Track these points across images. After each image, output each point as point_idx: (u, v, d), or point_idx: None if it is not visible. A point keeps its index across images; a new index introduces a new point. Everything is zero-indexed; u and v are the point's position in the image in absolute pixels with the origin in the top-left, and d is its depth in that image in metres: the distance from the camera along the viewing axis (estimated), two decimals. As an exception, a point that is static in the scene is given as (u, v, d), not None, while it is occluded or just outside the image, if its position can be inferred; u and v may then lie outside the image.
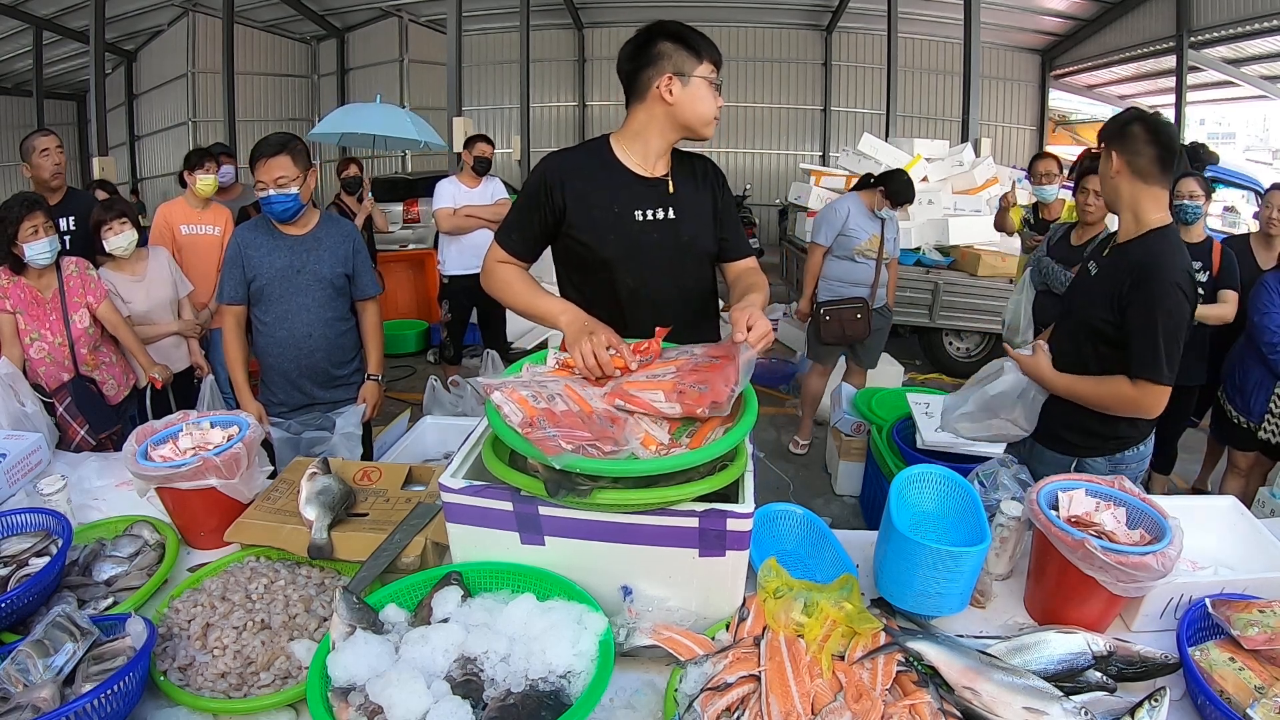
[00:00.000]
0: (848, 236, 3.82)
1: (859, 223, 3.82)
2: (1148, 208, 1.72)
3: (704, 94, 1.55)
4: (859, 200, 3.90)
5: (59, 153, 3.08)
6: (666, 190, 1.63)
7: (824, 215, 3.96)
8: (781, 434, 4.50)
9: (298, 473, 1.58)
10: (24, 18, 10.99)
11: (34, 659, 1.03)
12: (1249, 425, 3.00)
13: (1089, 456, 1.84)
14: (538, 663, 1.03)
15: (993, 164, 6.53)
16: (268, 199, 2.22)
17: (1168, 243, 1.70)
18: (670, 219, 1.62)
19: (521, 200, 1.65)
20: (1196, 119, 13.91)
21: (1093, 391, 1.76)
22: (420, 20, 12.95)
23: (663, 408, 1.22)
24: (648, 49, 1.54)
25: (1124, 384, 1.70)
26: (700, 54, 1.54)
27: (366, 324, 2.56)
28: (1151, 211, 1.72)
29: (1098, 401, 1.76)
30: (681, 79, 1.53)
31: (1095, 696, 1.12)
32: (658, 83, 1.54)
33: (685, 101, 1.55)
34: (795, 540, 1.55)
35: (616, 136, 1.64)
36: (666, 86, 1.53)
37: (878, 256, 3.85)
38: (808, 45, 13.37)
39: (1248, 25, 9.34)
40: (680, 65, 1.53)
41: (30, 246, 2.43)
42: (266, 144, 2.24)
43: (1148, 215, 1.73)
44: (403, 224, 9.00)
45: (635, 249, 1.60)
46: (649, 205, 1.61)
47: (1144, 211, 1.73)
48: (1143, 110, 1.77)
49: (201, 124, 12.91)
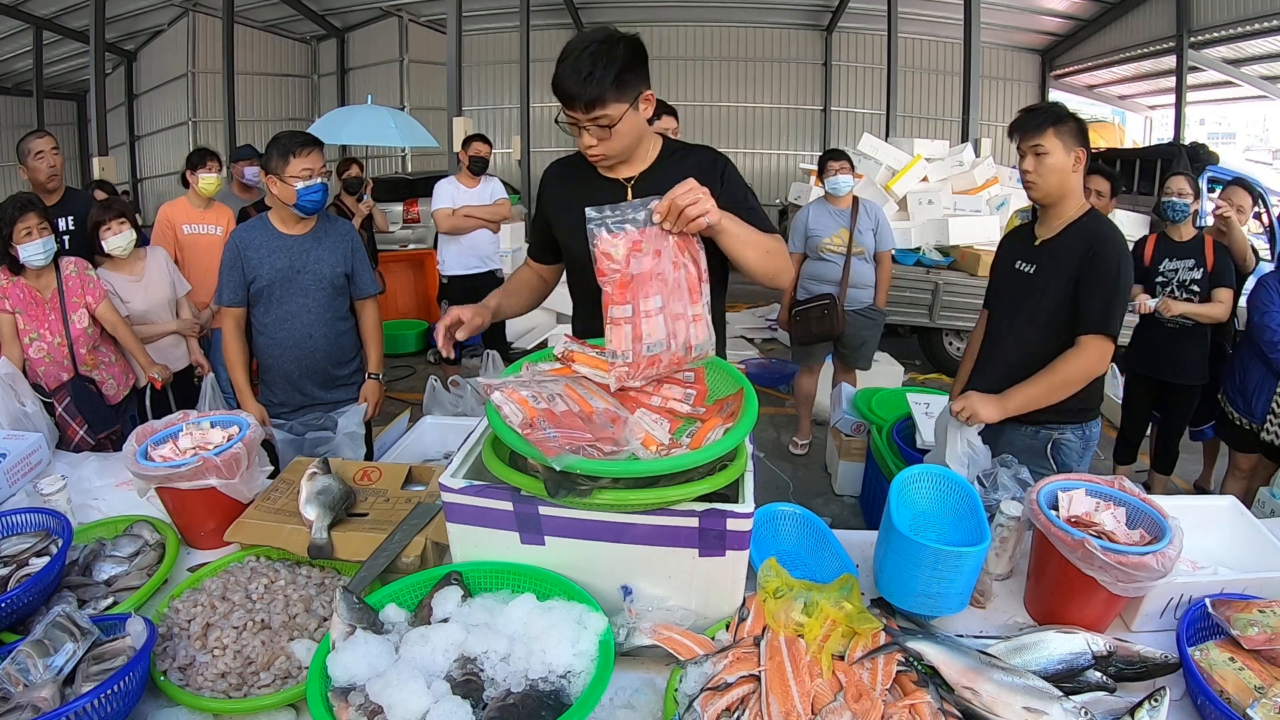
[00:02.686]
0: (812, 236, 3.94)
1: (819, 221, 3.94)
2: (1080, 195, 1.90)
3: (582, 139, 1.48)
4: (820, 200, 4.04)
5: (54, 155, 3.07)
6: (627, 195, 1.58)
7: (792, 223, 4.13)
8: (781, 434, 4.50)
9: (298, 473, 1.58)
10: (24, 18, 10.98)
11: (34, 659, 1.03)
12: (1251, 426, 3.00)
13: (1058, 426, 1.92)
14: (538, 662, 1.03)
15: (993, 164, 6.53)
16: (313, 187, 2.24)
17: (1103, 220, 1.88)
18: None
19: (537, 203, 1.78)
20: (1196, 119, 13.90)
21: (1049, 379, 1.83)
22: (420, 20, 12.95)
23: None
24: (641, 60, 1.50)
25: (1072, 354, 1.80)
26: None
27: (366, 323, 2.56)
28: (1080, 198, 1.90)
29: (1058, 383, 1.83)
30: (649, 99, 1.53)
31: (1095, 696, 1.12)
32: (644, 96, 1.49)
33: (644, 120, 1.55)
34: (795, 540, 1.55)
35: None
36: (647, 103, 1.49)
37: (847, 252, 3.88)
38: (808, 45, 13.36)
39: (1248, 25, 9.34)
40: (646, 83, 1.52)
41: (24, 248, 2.43)
42: (294, 138, 2.26)
43: (1080, 201, 1.90)
44: (403, 224, 9.01)
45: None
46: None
47: (1078, 199, 1.89)
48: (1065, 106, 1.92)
49: (201, 124, 12.91)
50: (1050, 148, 1.83)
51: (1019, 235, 2.09)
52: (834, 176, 3.87)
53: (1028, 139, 1.86)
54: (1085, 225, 1.87)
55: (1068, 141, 1.83)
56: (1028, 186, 1.91)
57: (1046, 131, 1.83)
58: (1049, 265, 1.89)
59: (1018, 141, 1.90)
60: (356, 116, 6.70)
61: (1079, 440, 1.94)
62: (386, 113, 6.90)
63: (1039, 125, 1.84)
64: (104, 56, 9.31)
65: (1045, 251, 1.91)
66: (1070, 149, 1.83)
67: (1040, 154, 1.84)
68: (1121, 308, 1.80)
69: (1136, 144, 13.66)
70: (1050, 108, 1.89)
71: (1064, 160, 1.83)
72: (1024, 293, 1.94)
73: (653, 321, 1.28)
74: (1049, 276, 1.88)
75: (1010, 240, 2.16)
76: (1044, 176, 1.85)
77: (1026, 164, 1.88)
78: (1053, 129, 1.82)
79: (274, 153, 2.24)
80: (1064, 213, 1.90)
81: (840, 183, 3.87)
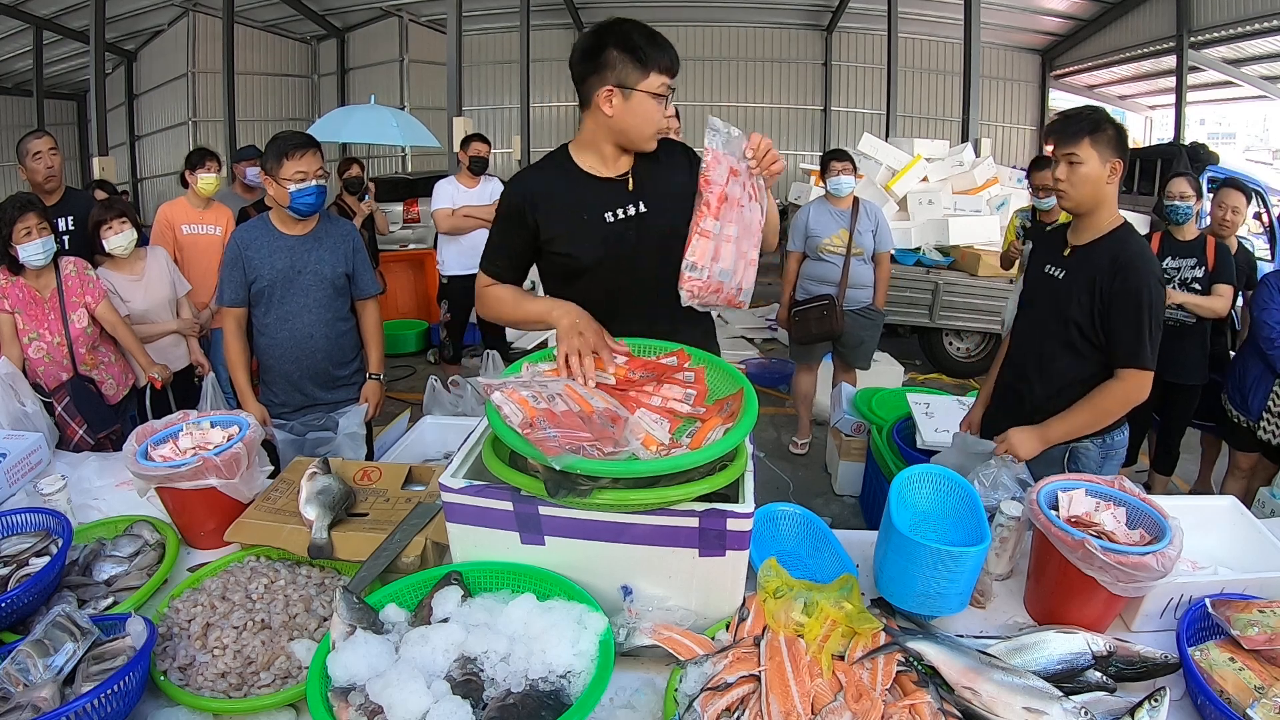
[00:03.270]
0: (812, 236, 3.94)
1: (819, 221, 3.94)
2: (1114, 206, 1.82)
3: (646, 109, 1.49)
4: (821, 200, 4.02)
5: (51, 155, 3.07)
6: (627, 188, 1.60)
7: (792, 222, 4.11)
8: (781, 434, 4.50)
9: (298, 473, 1.58)
10: (24, 18, 10.98)
11: (34, 659, 1.03)
12: (1248, 424, 3.01)
13: (1078, 442, 1.87)
14: (538, 662, 1.03)
15: (993, 164, 6.53)
16: (307, 190, 2.23)
17: (1137, 238, 1.80)
18: (641, 213, 1.60)
19: (499, 225, 1.66)
20: (1196, 119, 13.89)
21: (1091, 409, 1.78)
22: (420, 20, 12.94)
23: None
24: (595, 55, 1.48)
25: (1113, 384, 1.75)
26: (648, 64, 1.46)
27: (366, 323, 2.56)
28: (1114, 209, 1.82)
29: (1099, 414, 1.78)
30: (623, 91, 1.48)
31: (1095, 696, 1.12)
32: (599, 92, 1.49)
33: (623, 116, 1.50)
34: (795, 540, 1.55)
35: (574, 144, 1.63)
36: (606, 98, 1.48)
37: (846, 252, 3.88)
38: (808, 45, 13.36)
39: (1248, 25, 9.34)
40: (624, 77, 1.47)
41: (24, 248, 2.43)
42: (289, 140, 2.25)
43: (1114, 213, 1.82)
44: (403, 224, 9.00)
45: (612, 251, 1.59)
46: (616, 205, 1.59)
47: (1111, 210, 1.81)
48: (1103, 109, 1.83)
49: (201, 124, 12.90)
50: (1085, 157, 1.75)
51: (1052, 238, 2.01)
52: (836, 177, 3.87)
53: (1062, 147, 1.78)
54: (1116, 242, 1.79)
55: (1104, 151, 1.75)
56: (1059, 195, 1.83)
57: (1082, 141, 1.75)
58: (1076, 274, 1.83)
59: (1052, 148, 1.82)
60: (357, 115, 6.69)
61: (1098, 450, 1.88)
62: (388, 112, 6.90)
63: (1075, 133, 1.76)
64: (104, 56, 9.31)
65: (1074, 259, 1.85)
66: (1106, 159, 1.75)
67: (1074, 163, 1.76)
68: (1155, 333, 1.73)
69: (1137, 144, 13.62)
70: (1089, 115, 1.78)
71: (1098, 170, 1.76)
72: (1052, 296, 1.88)
73: (728, 248, 1.34)
74: (1076, 285, 1.82)
75: (1043, 243, 2.09)
76: (1076, 186, 1.78)
77: (1059, 172, 1.80)
78: (1089, 138, 1.74)
79: (270, 153, 2.24)
80: (1096, 223, 1.83)
81: (842, 184, 3.87)
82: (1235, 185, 3.37)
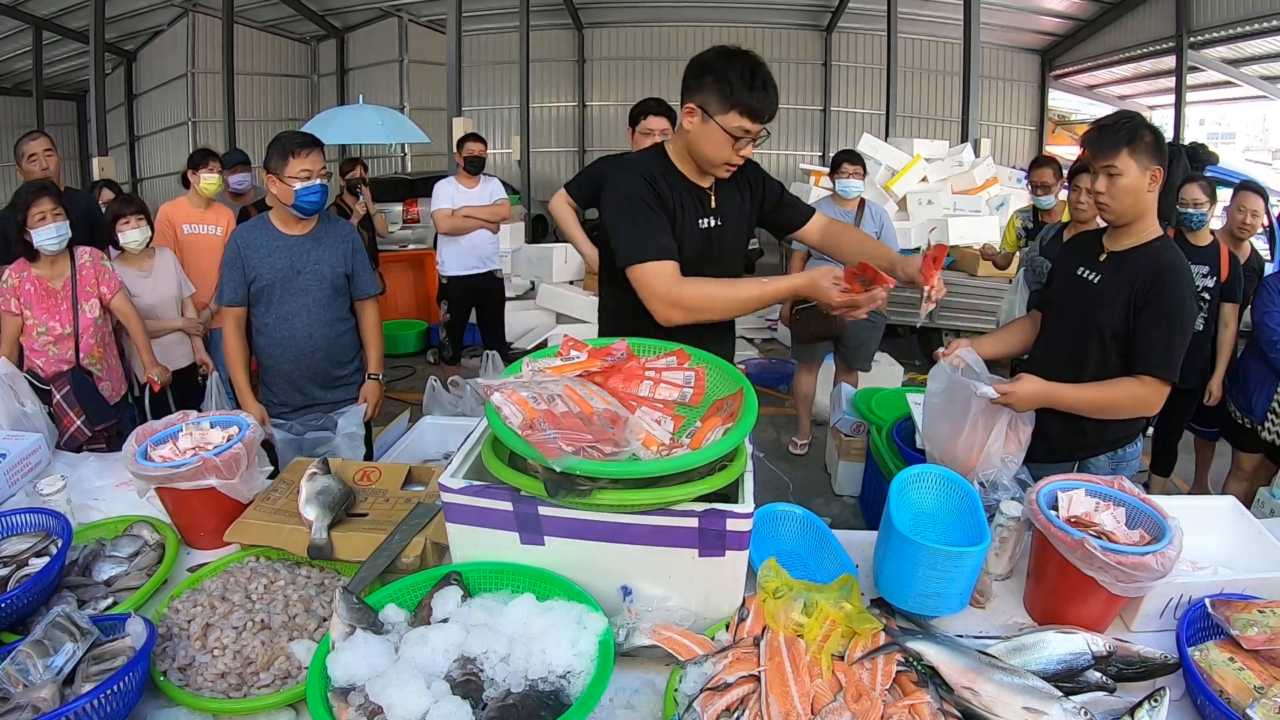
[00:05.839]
0: None
1: None
2: (1154, 215, 1.75)
3: (717, 140, 1.55)
4: (827, 200, 3.99)
5: (46, 157, 3.08)
6: (711, 201, 1.70)
7: None
8: (781, 434, 4.50)
9: (297, 473, 1.58)
10: (24, 18, 10.96)
11: (34, 659, 1.03)
12: (1251, 425, 3.02)
13: (1090, 458, 1.84)
14: (537, 663, 1.03)
15: (992, 164, 6.54)
16: (311, 188, 2.24)
17: (1176, 251, 1.75)
18: (719, 225, 1.70)
19: (636, 210, 1.60)
20: (1196, 119, 13.88)
21: (1103, 395, 1.74)
22: (420, 20, 12.93)
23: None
24: (699, 73, 1.54)
25: (1133, 384, 1.71)
26: (731, 101, 1.50)
27: (366, 323, 2.56)
28: (1154, 220, 1.76)
29: (1109, 404, 1.75)
30: (703, 115, 1.54)
31: (1095, 696, 1.12)
32: (688, 105, 1.56)
33: (697, 136, 1.57)
34: (795, 540, 1.55)
35: (671, 144, 1.70)
36: (690, 114, 1.56)
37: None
38: (808, 45, 13.35)
39: (1248, 25, 9.33)
40: (707, 102, 1.53)
41: (39, 232, 2.46)
42: (294, 139, 2.26)
43: (1154, 223, 1.76)
44: (402, 224, 8.99)
45: (696, 256, 1.65)
46: (704, 214, 1.69)
47: (1152, 220, 1.76)
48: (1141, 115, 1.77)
49: (201, 124, 12.87)
50: (1124, 168, 1.67)
51: (1084, 242, 1.96)
52: (846, 180, 3.85)
53: (1100, 159, 1.71)
54: (1156, 252, 1.74)
55: (1143, 160, 1.67)
56: (1100, 208, 1.77)
57: (1121, 151, 1.67)
58: (1112, 279, 1.78)
59: (1089, 159, 1.76)
60: (341, 117, 6.69)
61: (1109, 464, 1.85)
62: (372, 110, 6.89)
63: (1113, 144, 1.68)
64: (104, 56, 9.32)
65: (1111, 265, 1.80)
66: (1146, 167, 1.67)
67: (1114, 174, 1.68)
68: (1182, 348, 1.70)
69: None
70: (1125, 123, 1.70)
71: (1139, 180, 1.68)
72: (1086, 299, 1.83)
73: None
74: (1111, 290, 1.77)
75: (1073, 246, 2.03)
76: (1117, 199, 1.71)
77: (1099, 184, 1.73)
78: (1127, 148, 1.66)
79: (274, 152, 2.24)
80: (1137, 232, 1.77)
81: (850, 187, 3.86)
82: (1253, 188, 3.32)
